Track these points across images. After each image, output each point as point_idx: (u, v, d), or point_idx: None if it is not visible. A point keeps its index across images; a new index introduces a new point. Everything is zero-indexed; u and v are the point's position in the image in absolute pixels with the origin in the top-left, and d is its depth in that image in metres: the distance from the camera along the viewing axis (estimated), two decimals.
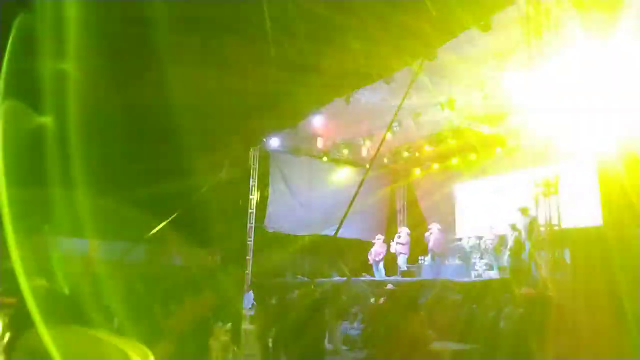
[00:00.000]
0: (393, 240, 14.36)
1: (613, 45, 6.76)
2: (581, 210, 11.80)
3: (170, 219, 13.90)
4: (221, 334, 9.79)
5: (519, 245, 10.47)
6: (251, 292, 13.57)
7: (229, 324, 8.64)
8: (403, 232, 14.31)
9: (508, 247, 10.82)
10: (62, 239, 18.70)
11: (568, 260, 7.93)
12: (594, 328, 5.84)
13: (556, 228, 7.68)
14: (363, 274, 14.24)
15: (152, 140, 17.40)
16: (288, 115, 13.22)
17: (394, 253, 14.23)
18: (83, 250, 16.55)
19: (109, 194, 15.78)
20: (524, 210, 10.75)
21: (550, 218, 7.71)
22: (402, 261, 13.78)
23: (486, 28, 8.67)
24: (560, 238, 7.70)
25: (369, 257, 14.44)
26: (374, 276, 13.81)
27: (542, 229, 7.84)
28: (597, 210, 11.83)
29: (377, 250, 14.26)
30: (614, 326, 5.71)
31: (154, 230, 13.93)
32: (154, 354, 2.59)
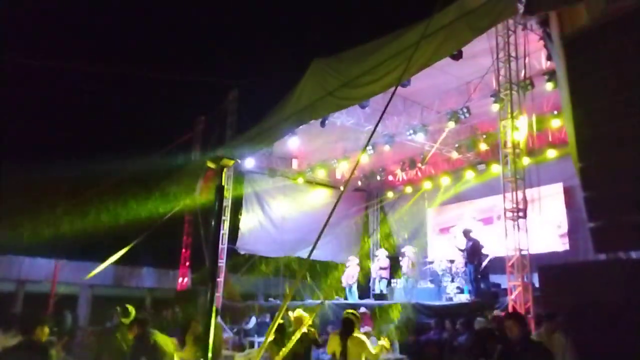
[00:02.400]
0: (373, 264, 14.37)
1: None
2: (549, 236, 12.17)
3: (140, 238, 13.62)
4: None
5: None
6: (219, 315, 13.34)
7: None
8: (382, 256, 14.33)
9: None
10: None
11: (537, 284, 8.12)
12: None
13: (524, 252, 7.86)
14: (336, 297, 14.19)
15: (124, 156, 17.19)
16: (263, 136, 13.24)
17: (368, 276, 14.26)
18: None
19: (78, 212, 15.46)
20: (466, 233, 10.96)
21: (519, 242, 7.90)
22: (382, 285, 13.76)
23: (457, 57, 8.96)
24: (529, 262, 7.87)
25: (342, 280, 14.42)
26: (346, 299, 13.78)
27: (513, 253, 8.00)
28: (563, 235, 12.26)
29: (350, 273, 14.25)
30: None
31: (124, 251, 13.62)
32: None
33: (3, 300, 17.51)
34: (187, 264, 17.77)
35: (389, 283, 13.81)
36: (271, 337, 5.61)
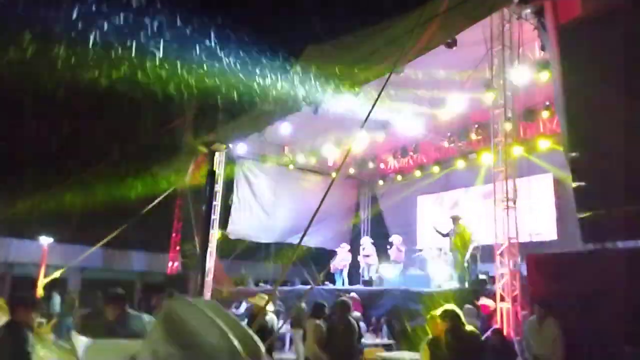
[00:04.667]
0: (359, 251, 14.48)
1: None
2: (538, 225, 12.29)
3: (130, 222, 13.57)
4: None
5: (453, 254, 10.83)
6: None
7: None
8: (367, 243, 14.43)
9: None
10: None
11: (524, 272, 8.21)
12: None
13: (513, 241, 7.94)
14: (326, 282, 14.27)
15: (115, 140, 17.04)
16: (255, 121, 13.18)
17: (358, 262, 14.34)
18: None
19: (68, 194, 15.34)
20: (454, 219, 10.99)
21: (508, 231, 7.97)
22: (370, 271, 13.88)
23: (451, 45, 8.94)
24: (518, 251, 7.96)
25: (331, 266, 14.50)
26: (334, 284, 13.88)
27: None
28: (552, 224, 12.41)
29: (341, 259, 14.33)
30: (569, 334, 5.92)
31: (114, 234, 13.57)
32: None
33: None
34: (178, 248, 17.75)
35: (376, 270, 13.93)
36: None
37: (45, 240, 15.98)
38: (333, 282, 14.24)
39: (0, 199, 15.26)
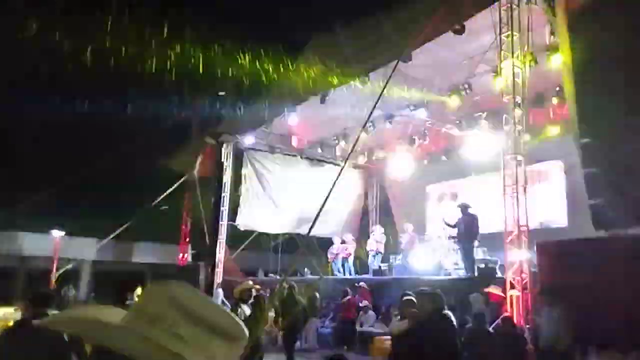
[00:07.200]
0: (369, 239, 14.50)
1: None
2: (549, 212, 12.21)
3: (141, 214, 13.68)
4: None
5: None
6: (220, 290, 13.47)
7: None
8: (378, 231, 14.44)
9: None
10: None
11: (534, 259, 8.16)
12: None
13: (523, 228, 7.89)
14: (335, 272, 14.32)
15: (122, 133, 17.11)
16: (262, 112, 13.16)
17: (367, 252, 14.37)
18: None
19: (78, 188, 15.46)
20: (463, 208, 10.89)
21: (518, 218, 7.91)
22: (377, 260, 13.91)
23: (460, 32, 8.83)
24: (528, 238, 7.90)
25: (331, 255, 14.51)
26: (334, 274, 13.94)
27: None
28: (563, 211, 12.31)
29: (344, 248, 14.36)
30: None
31: (124, 227, 13.68)
32: None
33: (5, 276, 17.69)
34: (187, 239, 17.85)
35: (385, 259, 13.93)
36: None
37: (57, 234, 16.15)
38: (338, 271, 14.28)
39: (12, 192, 15.42)
